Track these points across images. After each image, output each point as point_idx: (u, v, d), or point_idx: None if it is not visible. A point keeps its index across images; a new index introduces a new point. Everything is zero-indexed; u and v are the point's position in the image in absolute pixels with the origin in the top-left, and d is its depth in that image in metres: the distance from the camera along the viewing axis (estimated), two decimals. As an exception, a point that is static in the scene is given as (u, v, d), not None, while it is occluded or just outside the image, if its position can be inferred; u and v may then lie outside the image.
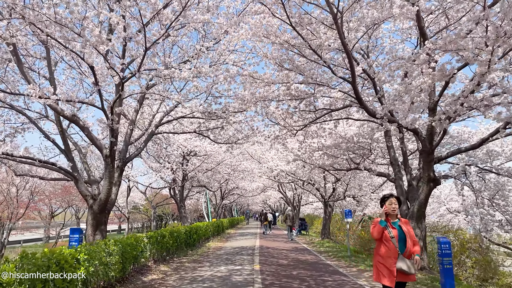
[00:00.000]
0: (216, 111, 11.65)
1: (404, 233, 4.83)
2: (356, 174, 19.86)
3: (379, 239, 4.85)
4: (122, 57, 9.30)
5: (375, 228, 4.89)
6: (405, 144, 11.89)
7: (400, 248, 4.75)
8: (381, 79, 10.97)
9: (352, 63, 8.58)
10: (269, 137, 14.51)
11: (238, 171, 25.18)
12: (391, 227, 4.85)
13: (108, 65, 7.91)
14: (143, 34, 7.72)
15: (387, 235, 4.79)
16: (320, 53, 8.71)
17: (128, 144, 11.42)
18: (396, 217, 4.98)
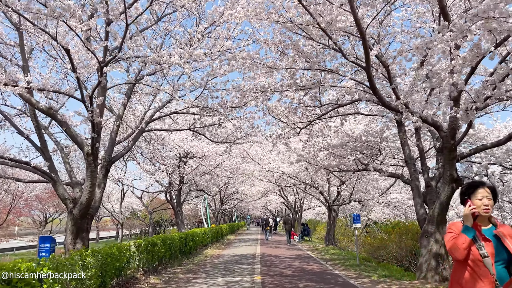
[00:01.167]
0: (212, 106, 10.51)
1: (506, 249, 2.78)
2: (363, 176, 18.67)
3: (463, 258, 2.85)
4: (105, 39, 8.19)
5: (457, 240, 2.87)
6: (421, 141, 10.73)
7: (499, 275, 2.75)
8: (394, 68, 9.89)
9: (367, 45, 7.43)
10: (271, 136, 13.42)
11: (238, 174, 24.00)
12: (483, 239, 2.85)
13: (84, 45, 6.78)
14: (124, 7, 6.59)
15: (476, 252, 2.81)
16: (329, 33, 7.58)
17: (114, 142, 10.28)
18: (489, 221, 2.97)
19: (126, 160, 22.56)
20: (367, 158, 14.95)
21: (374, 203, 19.74)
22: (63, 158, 10.81)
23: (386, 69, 8.88)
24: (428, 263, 9.66)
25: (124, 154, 10.62)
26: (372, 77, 8.16)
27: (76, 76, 7.78)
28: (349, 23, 7.56)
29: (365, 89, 9.48)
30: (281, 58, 8.23)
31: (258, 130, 13.07)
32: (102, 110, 9.06)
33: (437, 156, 11.01)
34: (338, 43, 7.56)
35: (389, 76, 9.04)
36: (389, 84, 9.03)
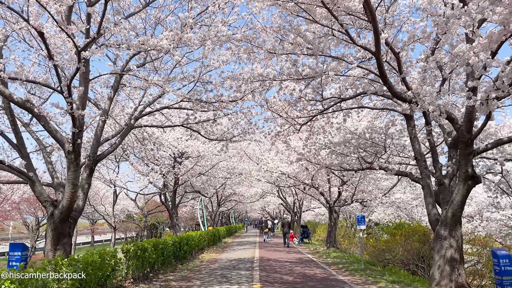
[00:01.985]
0: (207, 99, 9.70)
1: None
2: (365, 176, 17.87)
3: None
4: (87, 23, 7.38)
5: None
6: (432, 135, 9.94)
7: None
8: (406, 56, 9.12)
9: (377, 26, 6.65)
10: (269, 133, 12.61)
11: (235, 175, 23.17)
12: None
13: (58, 25, 5.97)
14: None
15: None
16: (335, 13, 6.79)
17: (99, 139, 9.45)
18: None
19: (118, 161, 21.71)
20: (371, 156, 14.16)
21: (377, 203, 18.93)
22: (45, 157, 9.97)
23: (396, 56, 8.08)
24: (442, 269, 8.85)
25: (111, 152, 9.78)
26: (382, 64, 7.37)
27: (53, 64, 6.96)
28: (357, 1, 6.77)
29: (374, 79, 8.66)
30: (281, 46, 7.41)
31: (256, 127, 12.27)
32: (84, 103, 8.24)
33: (448, 152, 10.22)
34: (344, 25, 6.77)
35: (399, 64, 8.24)
36: (399, 74, 8.25)
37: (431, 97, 8.59)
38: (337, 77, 11.11)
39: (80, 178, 9.06)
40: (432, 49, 9.35)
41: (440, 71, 9.33)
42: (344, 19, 7.61)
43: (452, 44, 7.02)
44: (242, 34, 6.62)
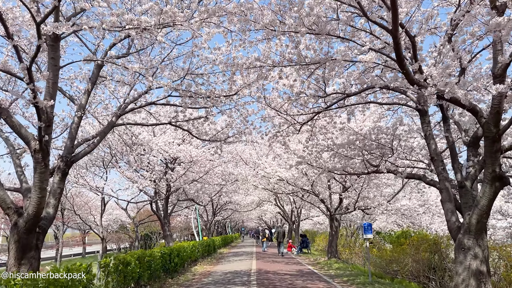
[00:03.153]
0: (197, 92, 8.61)
1: None
2: (370, 181, 16.76)
3: None
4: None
5: None
6: (450, 133, 8.87)
7: None
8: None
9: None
10: (267, 134, 11.54)
11: (231, 182, 21.99)
12: None
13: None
14: None
15: None
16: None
17: (74, 138, 8.32)
18: None
19: (107, 167, 20.52)
20: (376, 159, 13.08)
21: (382, 211, 17.80)
22: (14, 159, 8.80)
23: (411, 41, 7.05)
24: (466, 284, 7.73)
25: (88, 152, 8.64)
26: (400, 44, 6.31)
27: (13, 45, 5.86)
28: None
29: (388, 64, 7.61)
30: (282, 24, 6.33)
31: (252, 127, 11.18)
32: (54, 93, 7.11)
33: (467, 151, 9.15)
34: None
35: (414, 51, 7.21)
36: (414, 61, 7.20)
37: (450, 85, 7.53)
38: (341, 71, 10.13)
39: (51, 182, 7.93)
40: (449, 35, 8.36)
41: (459, 61, 8.32)
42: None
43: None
44: (235, 4, 5.52)
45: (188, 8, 6.32)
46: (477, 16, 7.35)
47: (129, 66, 7.05)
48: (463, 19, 7.59)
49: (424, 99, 9.12)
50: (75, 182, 18.10)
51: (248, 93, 9.38)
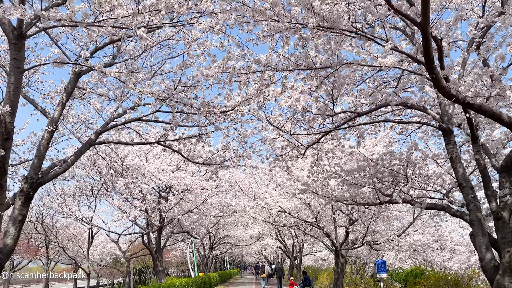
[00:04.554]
0: (187, 103, 7.49)
1: None
2: (380, 213, 15.38)
3: None
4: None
5: None
6: (481, 155, 7.67)
7: None
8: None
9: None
10: (268, 158, 10.39)
11: (229, 213, 20.60)
12: None
13: None
14: None
15: None
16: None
17: (43, 156, 7.12)
18: None
19: (96, 195, 19.20)
20: (388, 188, 11.83)
21: (392, 246, 16.32)
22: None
23: (437, 44, 5.96)
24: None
25: (59, 174, 7.41)
26: (431, 41, 5.21)
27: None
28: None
29: (414, 69, 6.50)
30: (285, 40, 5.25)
31: (252, 150, 10.04)
32: (15, 100, 5.99)
33: (499, 178, 7.89)
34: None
35: (440, 56, 6.11)
36: (440, 68, 6.09)
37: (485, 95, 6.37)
38: (351, 88, 9.10)
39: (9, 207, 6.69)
40: (477, 43, 7.32)
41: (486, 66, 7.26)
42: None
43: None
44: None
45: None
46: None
47: (106, 70, 5.92)
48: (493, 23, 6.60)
49: (448, 117, 7.98)
50: (60, 212, 16.76)
51: (247, 110, 8.27)
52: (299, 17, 5.00)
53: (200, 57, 7.38)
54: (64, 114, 8.63)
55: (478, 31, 6.97)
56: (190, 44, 7.22)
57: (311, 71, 6.10)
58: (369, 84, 9.33)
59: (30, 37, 6.21)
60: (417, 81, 8.48)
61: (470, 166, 11.52)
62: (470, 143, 10.47)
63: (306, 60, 5.77)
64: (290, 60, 5.80)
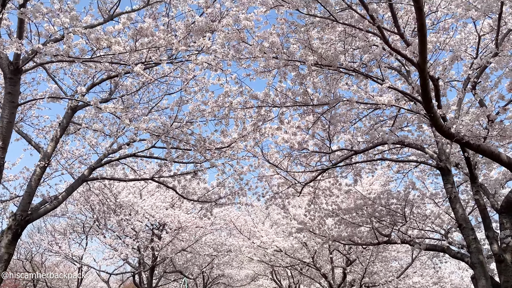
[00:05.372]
0: (183, 140, 7.42)
1: None
2: (378, 253, 15.03)
3: None
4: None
5: None
6: (481, 195, 7.56)
7: None
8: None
9: (423, 20, 4.60)
10: (264, 196, 10.28)
11: (223, 252, 20.08)
12: None
13: None
14: None
15: None
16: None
17: (33, 192, 6.95)
18: None
19: (87, 233, 18.74)
20: (386, 227, 11.61)
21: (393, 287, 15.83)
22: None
23: (434, 84, 6.01)
24: None
25: (50, 210, 7.20)
26: (428, 80, 5.22)
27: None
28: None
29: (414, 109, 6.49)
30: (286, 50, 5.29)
31: (248, 187, 9.91)
32: (8, 134, 5.89)
33: (500, 218, 7.75)
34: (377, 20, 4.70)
35: (437, 95, 6.14)
36: (437, 108, 6.09)
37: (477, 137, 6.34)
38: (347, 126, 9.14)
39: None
40: (473, 83, 7.37)
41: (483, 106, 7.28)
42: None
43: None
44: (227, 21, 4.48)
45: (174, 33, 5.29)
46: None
47: (102, 106, 5.88)
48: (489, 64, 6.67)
49: (446, 156, 7.94)
50: (50, 250, 16.28)
51: (244, 146, 8.21)
52: (297, 54, 5.02)
53: (197, 93, 7.41)
54: (58, 149, 8.53)
55: (473, 71, 7.07)
56: (188, 80, 7.26)
57: (308, 107, 6.07)
58: (366, 123, 9.37)
59: (26, 72, 6.19)
60: (414, 120, 8.52)
61: (468, 206, 11.39)
62: (467, 183, 10.43)
63: (303, 96, 5.77)
64: (287, 96, 5.79)
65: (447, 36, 6.67)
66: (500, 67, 6.45)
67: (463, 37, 6.98)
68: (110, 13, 6.75)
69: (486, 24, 6.58)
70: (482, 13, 5.30)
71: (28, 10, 4.61)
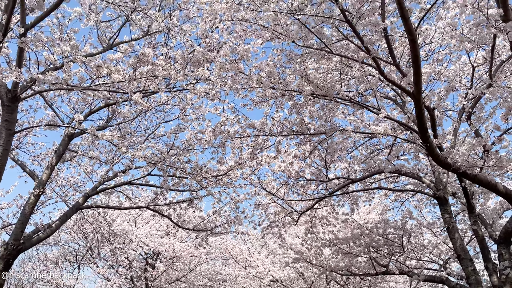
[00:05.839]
0: (179, 168, 7.39)
1: None
2: (376, 284, 14.77)
3: None
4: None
5: None
6: (479, 225, 7.50)
7: None
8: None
9: (418, 52, 4.68)
10: (260, 224, 10.21)
11: (219, 282, 19.67)
12: None
13: None
14: None
15: None
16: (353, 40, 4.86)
17: (27, 220, 6.85)
18: None
19: (80, 262, 18.35)
20: (384, 257, 11.46)
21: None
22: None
23: (430, 114, 6.06)
24: None
25: (42, 239, 7.09)
26: (424, 110, 5.27)
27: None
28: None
29: (410, 138, 6.51)
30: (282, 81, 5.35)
31: (244, 215, 9.83)
32: (3, 162, 5.84)
33: (498, 249, 7.66)
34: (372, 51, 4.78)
35: (433, 125, 6.18)
36: (433, 137, 6.12)
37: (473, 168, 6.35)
38: (344, 154, 9.18)
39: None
40: (468, 113, 7.45)
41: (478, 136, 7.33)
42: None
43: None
44: (226, 51, 4.54)
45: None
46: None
47: (99, 133, 5.87)
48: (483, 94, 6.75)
49: (443, 185, 7.92)
50: (40, 279, 15.91)
51: (240, 174, 8.18)
52: (294, 85, 5.08)
53: (194, 122, 7.43)
54: (53, 177, 8.46)
55: (468, 101, 7.15)
56: (185, 108, 7.30)
57: (304, 136, 6.10)
58: (362, 151, 9.41)
59: (24, 100, 6.21)
60: (410, 149, 8.56)
61: (466, 236, 11.30)
62: (465, 212, 10.38)
63: (300, 125, 5.79)
64: (284, 125, 5.82)
65: (441, 67, 6.78)
66: (495, 97, 6.53)
67: (458, 68, 7.09)
68: (110, 42, 6.86)
69: (480, 55, 6.70)
70: (475, 45, 5.41)
71: (29, 39, 4.66)
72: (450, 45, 6.45)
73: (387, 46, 5.06)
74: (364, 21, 4.53)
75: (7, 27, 4.62)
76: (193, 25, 5.33)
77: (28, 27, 5.36)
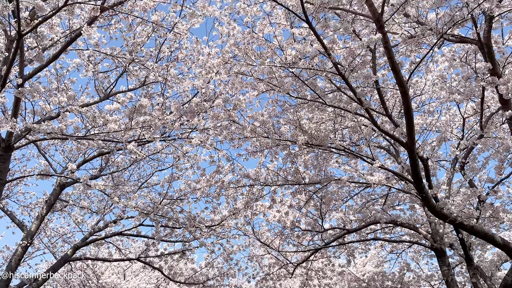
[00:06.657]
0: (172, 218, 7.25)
1: None
2: None
3: None
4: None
5: None
6: (478, 278, 7.31)
7: None
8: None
9: (409, 104, 4.79)
10: (255, 277, 9.94)
11: None
12: None
13: None
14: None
15: None
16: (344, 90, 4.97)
17: (13, 271, 6.58)
18: None
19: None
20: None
21: None
22: None
23: (424, 164, 6.09)
24: None
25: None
26: (418, 161, 5.30)
27: None
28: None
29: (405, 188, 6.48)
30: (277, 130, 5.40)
31: (237, 267, 9.57)
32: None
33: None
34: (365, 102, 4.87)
35: (427, 175, 6.19)
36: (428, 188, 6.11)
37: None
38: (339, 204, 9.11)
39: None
40: (461, 164, 7.49)
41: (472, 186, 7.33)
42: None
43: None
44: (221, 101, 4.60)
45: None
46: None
47: (92, 183, 5.80)
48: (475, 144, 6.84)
49: (440, 236, 7.81)
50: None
51: (234, 224, 8.04)
52: (288, 134, 5.12)
53: (188, 170, 7.40)
54: (42, 227, 8.24)
55: (460, 152, 7.22)
56: (179, 157, 7.28)
57: (299, 186, 6.06)
58: (357, 201, 9.34)
59: (17, 149, 6.18)
60: (405, 198, 8.52)
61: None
62: (463, 264, 10.18)
63: (295, 175, 5.78)
64: (279, 175, 5.80)
65: (433, 118, 6.90)
66: (487, 148, 6.62)
67: (448, 119, 7.22)
68: (107, 92, 6.95)
69: (470, 107, 6.85)
70: (465, 97, 5.53)
71: (26, 89, 4.71)
72: (440, 97, 6.62)
73: (379, 98, 5.17)
74: (356, 74, 4.65)
75: (5, 79, 4.67)
76: (190, 75, 5.44)
77: (26, 78, 5.43)
